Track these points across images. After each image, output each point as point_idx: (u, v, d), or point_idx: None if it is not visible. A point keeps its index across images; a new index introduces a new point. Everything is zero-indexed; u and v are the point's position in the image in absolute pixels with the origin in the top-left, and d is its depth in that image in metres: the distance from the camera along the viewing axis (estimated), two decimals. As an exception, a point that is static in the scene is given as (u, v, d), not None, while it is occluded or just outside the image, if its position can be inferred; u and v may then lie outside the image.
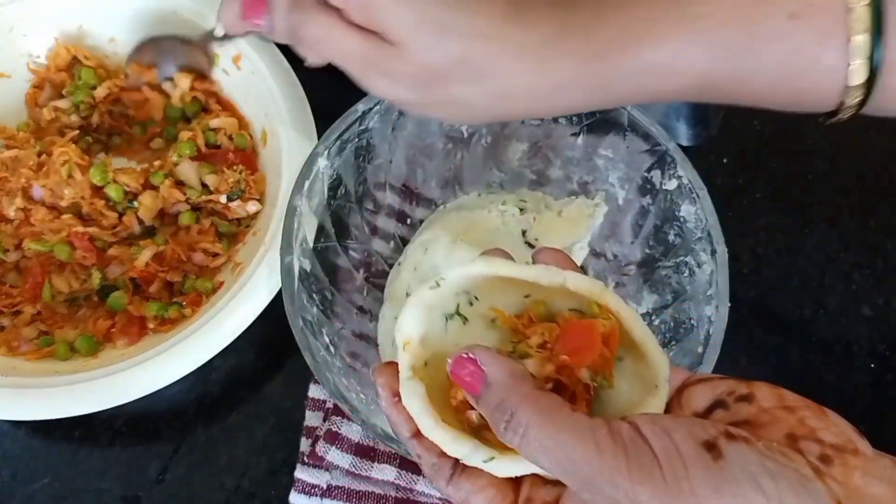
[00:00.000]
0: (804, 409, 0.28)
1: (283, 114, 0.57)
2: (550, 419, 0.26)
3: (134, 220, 0.56)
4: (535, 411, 0.27)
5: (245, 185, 0.57)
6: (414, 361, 0.32)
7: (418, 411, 0.31)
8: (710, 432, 0.26)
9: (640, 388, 0.31)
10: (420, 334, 0.33)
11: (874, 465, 0.26)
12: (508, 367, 0.29)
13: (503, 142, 0.59)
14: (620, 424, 0.26)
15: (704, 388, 0.30)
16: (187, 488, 0.52)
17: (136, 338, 0.52)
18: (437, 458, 0.31)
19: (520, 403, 0.27)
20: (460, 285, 0.33)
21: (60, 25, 0.61)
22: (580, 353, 0.30)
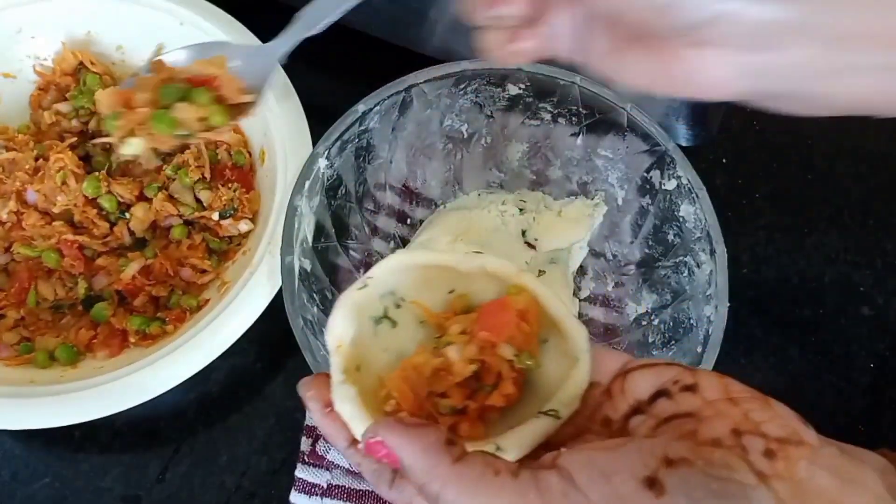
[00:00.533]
0: (749, 402, 0.27)
1: (283, 134, 0.56)
2: (474, 493, 0.26)
3: (125, 231, 0.56)
4: (459, 491, 0.26)
5: (239, 203, 0.57)
6: (346, 365, 0.32)
7: (350, 415, 0.30)
8: (649, 464, 0.25)
9: (566, 365, 0.32)
10: (351, 336, 0.32)
11: (820, 454, 0.26)
12: (420, 445, 0.27)
13: (503, 142, 0.59)
14: (550, 477, 0.26)
15: (648, 374, 0.30)
16: (188, 488, 0.52)
17: (117, 350, 0.52)
18: (377, 464, 0.30)
19: (442, 486, 0.26)
20: (387, 284, 0.34)
21: (69, 30, 0.61)
22: (497, 328, 0.31)
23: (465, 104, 0.57)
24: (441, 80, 0.55)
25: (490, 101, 0.57)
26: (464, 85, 0.56)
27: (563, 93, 0.55)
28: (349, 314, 0.32)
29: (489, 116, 0.58)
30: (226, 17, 0.60)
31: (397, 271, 0.34)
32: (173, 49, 0.46)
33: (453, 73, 0.55)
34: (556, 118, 0.57)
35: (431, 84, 0.55)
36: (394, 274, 0.34)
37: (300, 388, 0.32)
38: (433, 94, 0.56)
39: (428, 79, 0.54)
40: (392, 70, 0.55)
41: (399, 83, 0.54)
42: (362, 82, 0.56)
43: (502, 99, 0.57)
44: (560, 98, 0.55)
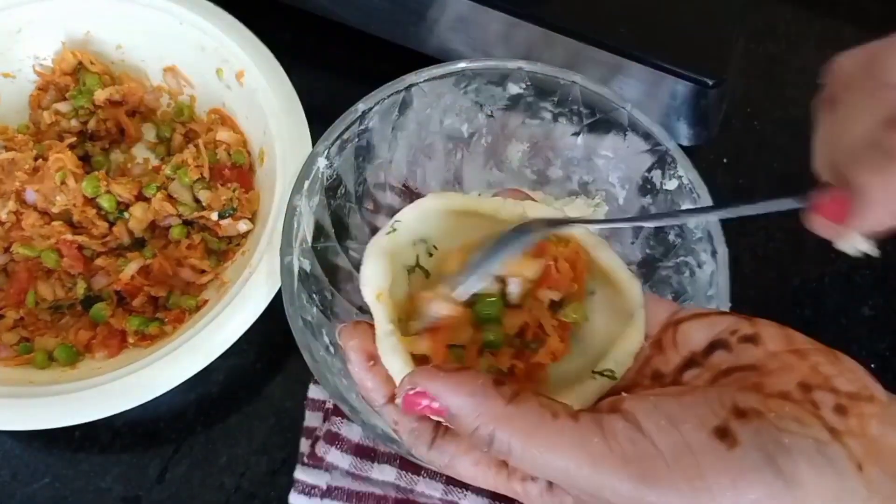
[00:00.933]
0: (816, 354, 0.26)
1: (283, 134, 0.56)
2: (533, 437, 0.24)
3: (124, 231, 0.56)
4: (514, 431, 0.24)
5: (238, 203, 0.56)
6: (391, 314, 0.29)
7: (400, 370, 0.28)
8: (719, 414, 0.23)
9: (617, 319, 0.30)
10: (388, 285, 0.29)
11: (890, 411, 0.24)
12: (468, 388, 0.25)
13: (503, 142, 0.59)
14: (615, 422, 0.24)
15: (701, 324, 0.28)
16: (187, 488, 0.52)
17: (116, 351, 0.52)
18: (417, 422, 0.28)
19: (497, 427, 0.25)
20: (417, 230, 0.31)
21: (68, 30, 0.61)
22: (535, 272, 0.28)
23: (465, 104, 0.57)
24: (441, 79, 0.55)
25: (490, 101, 0.57)
26: (464, 84, 0.56)
27: (564, 92, 0.55)
28: (381, 261, 0.30)
29: (489, 116, 0.58)
30: (226, 17, 0.60)
31: (428, 216, 0.31)
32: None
33: (453, 72, 0.55)
34: (556, 117, 0.57)
35: (431, 83, 0.55)
36: (424, 219, 0.31)
37: (340, 335, 0.30)
38: (433, 94, 0.56)
39: (428, 78, 0.54)
40: (392, 70, 0.55)
41: (399, 82, 0.54)
42: (362, 82, 0.56)
43: (502, 98, 0.57)
44: (560, 97, 0.55)
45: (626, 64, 0.56)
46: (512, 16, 0.56)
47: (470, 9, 0.57)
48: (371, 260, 0.30)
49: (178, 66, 0.62)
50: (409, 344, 0.28)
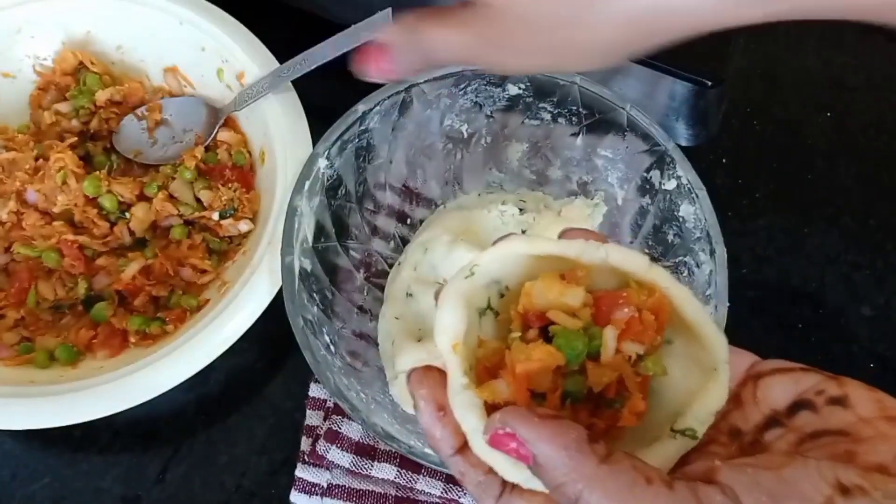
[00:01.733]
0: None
1: (283, 134, 0.56)
2: (625, 501, 0.23)
3: (125, 231, 0.56)
4: (606, 494, 0.23)
5: (239, 203, 0.56)
6: (466, 366, 0.27)
7: (475, 427, 0.26)
8: (822, 491, 0.22)
9: (697, 373, 0.28)
10: (464, 331, 0.28)
11: None
12: (560, 442, 0.24)
13: (503, 142, 0.59)
14: (713, 495, 0.23)
15: (784, 380, 0.26)
16: (187, 488, 0.52)
17: (117, 350, 0.52)
18: (485, 475, 0.27)
19: (585, 488, 0.23)
20: (492, 272, 0.29)
21: (68, 30, 0.61)
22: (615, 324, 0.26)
23: (465, 104, 0.57)
24: (441, 80, 0.55)
25: (490, 101, 0.57)
26: (464, 85, 0.56)
27: (563, 93, 0.55)
28: (459, 307, 0.28)
29: (489, 116, 0.58)
30: (226, 17, 0.60)
31: (508, 260, 0.29)
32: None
33: (453, 73, 0.55)
34: (556, 118, 0.57)
35: (431, 84, 0.55)
36: (503, 263, 0.29)
37: (411, 382, 0.29)
38: (433, 94, 0.56)
39: (428, 79, 0.54)
40: (392, 70, 0.55)
41: (399, 83, 0.54)
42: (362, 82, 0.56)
43: (502, 99, 0.57)
44: (560, 98, 0.55)
45: (626, 64, 0.56)
46: (512, 16, 0.56)
47: (470, 9, 0.57)
48: (449, 306, 0.28)
49: (179, 67, 0.62)
50: (487, 391, 0.27)
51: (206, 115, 0.60)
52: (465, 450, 0.27)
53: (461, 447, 0.27)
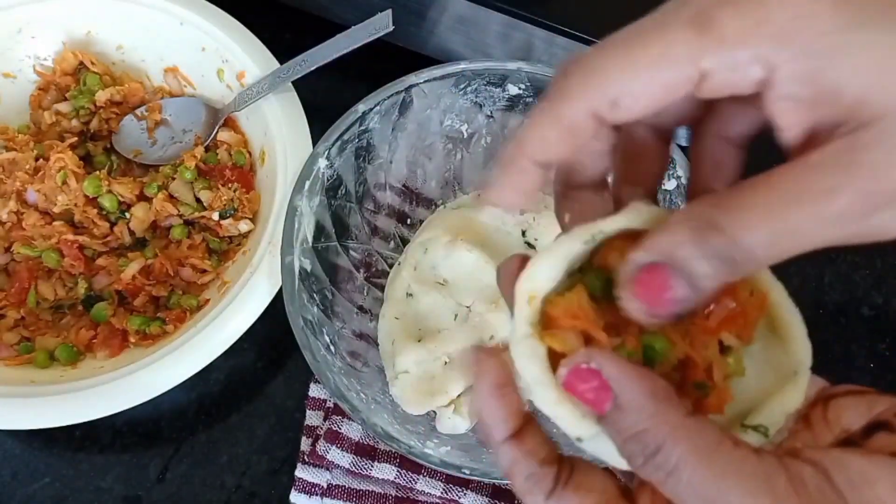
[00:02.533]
0: None
1: (283, 135, 0.56)
2: (710, 460, 0.21)
3: (125, 231, 0.56)
4: (689, 449, 0.21)
5: (238, 203, 0.56)
6: (533, 319, 0.25)
7: (537, 378, 0.24)
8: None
9: (771, 377, 0.26)
10: (546, 293, 0.26)
11: None
12: (648, 387, 0.22)
13: (503, 142, 0.59)
14: (802, 467, 0.21)
15: (857, 403, 0.25)
16: (188, 488, 0.52)
17: (117, 350, 0.52)
18: (539, 466, 0.25)
19: (669, 437, 0.22)
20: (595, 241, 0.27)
21: (69, 30, 0.61)
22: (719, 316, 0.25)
23: (465, 104, 0.57)
24: (441, 80, 0.55)
25: (490, 101, 0.57)
26: (464, 85, 0.56)
27: (563, 93, 0.55)
28: (560, 267, 0.26)
29: (489, 116, 0.58)
30: (226, 17, 0.60)
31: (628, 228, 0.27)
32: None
33: (453, 73, 0.55)
34: (556, 118, 0.57)
35: (431, 84, 0.55)
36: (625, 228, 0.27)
37: (472, 356, 0.26)
38: (433, 95, 0.56)
39: (428, 79, 0.54)
40: (392, 70, 0.55)
41: (399, 83, 0.54)
42: (362, 82, 0.56)
43: (502, 99, 0.57)
44: (560, 98, 0.55)
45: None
46: (512, 16, 0.56)
47: (470, 9, 0.57)
48: (550, 262, 0.26)
49: (179, 67, 0.62)
50: (556, 339, 0.25)
51: (205, 116, 0.60)
52: (520, 435, 0.25)
53: (516, 433, 0.25)
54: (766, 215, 0.21)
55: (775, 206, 0.21)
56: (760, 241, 0.22)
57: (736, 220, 0.22)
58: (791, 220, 0.21)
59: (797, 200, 0.21)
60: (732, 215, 0.22)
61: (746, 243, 0.22)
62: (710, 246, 0.22)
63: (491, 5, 0.56)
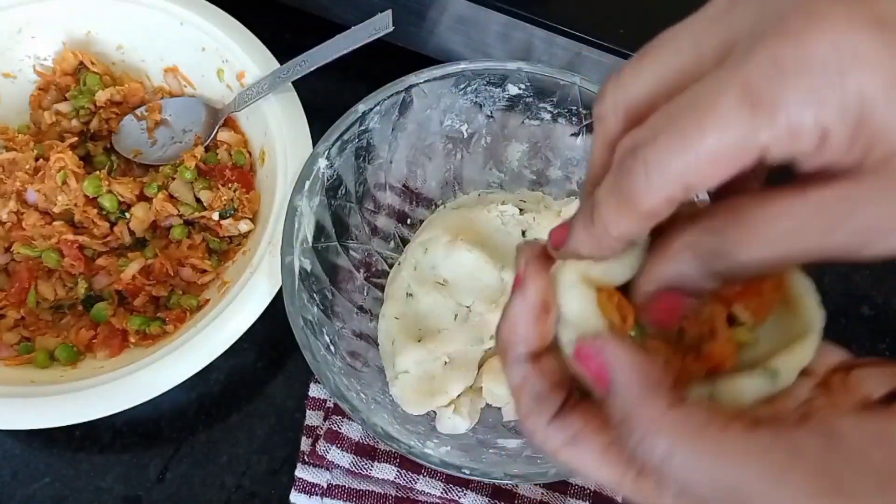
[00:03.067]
0: None
1: (283, 135, 0.56)
2: (696, 443, 0.21)
3: (125, 231, 0.56)
4: (674, 438, 0.22)
5: (238, 203, 0.56)
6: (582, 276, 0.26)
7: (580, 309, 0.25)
8: None
9: (782, 339, 0.27)
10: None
11: None
12: (639, 376, 0.23)
13: (503, 142, 0.59)
14: (801, 439, 0.21)
15: (879, 373, 0.25)
16: (188, 488, 0.52)
17: (117, 350, 0.52)
18: (549, 388, 0.25)
19: (652, 426, 0.22)
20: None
21: (69, 30, 0.61)
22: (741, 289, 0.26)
23: (465, 104, 0.57)
24: (441, 80, 0.55)
25: (490, 101, 0.57)
26: (464, 85, 0.56)
27: (563, 93, 0.55)
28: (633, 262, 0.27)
29: (489, 116, 0.58)
30: (226, 18, 0.60)
31: None
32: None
33: (453, 73, 0.55)
34: (556, 118, 0.57)
35: (431, 84, 0.55)
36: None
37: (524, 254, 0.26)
38: (433, 95, 0.56)
39: (428, 79, 0.54)
40: (392, 70, 0.55)
41: (399, 83, 0.54)
42: (362, 82, 0.56)
43: (502, 99, 0.57)
44: (560, 98, 0.55)
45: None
46: (512, 16, 0.56)
47: (470, 9, 0.57)
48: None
49: (179, 67, 0.62)
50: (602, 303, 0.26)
51: (205, 116, 0.60)
52: (537, 357, 0.25)
53: (536, 355, 0.25)
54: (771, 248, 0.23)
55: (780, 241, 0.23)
56: (761, 261, 0.23)
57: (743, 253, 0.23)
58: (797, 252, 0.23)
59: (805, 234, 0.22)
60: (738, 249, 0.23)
61: (749, 264, 0.23)
62: (716, 271, 0.23)
63: (491, 5, 0.56)
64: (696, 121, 0.21)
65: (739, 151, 0.21)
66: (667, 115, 0.22)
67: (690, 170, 0.21)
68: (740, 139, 0.21)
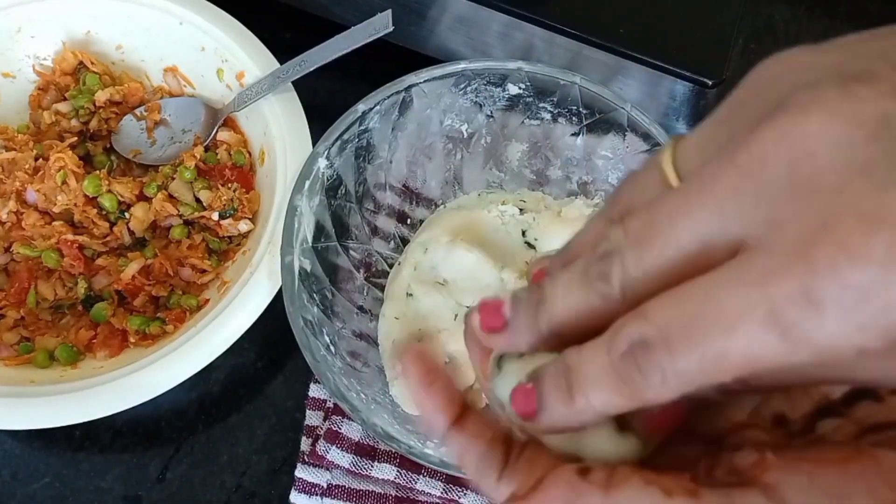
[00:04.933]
0: None
1: (283, 134, 0.56)
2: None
3: (125, 231, 0.56)
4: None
5: (238, 203, 0.56)
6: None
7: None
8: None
9: None
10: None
11: None
12: (561, 495, 0.22)
13: (503, 142, 0.59)
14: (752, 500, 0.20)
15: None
16: (188, 487, 0.52)
17: (117, 350, 0.52)
18: (487, 447, 0.24)
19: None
20: None
21: (68, 29, 0.61)
22: None
23: (465, 104, 0.57)
24: (441, 80, 0.55)
25: (490, 101, 0.57)
26: (464, 85, 0.56)
27: (563, 92, 0.55)
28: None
29: (489, 116, 0.58)
30: (226, 18, 0.60)
31: None
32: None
33: (453, 73, 0.55)
34: (556, 118, 0.57)
35: (431, 84, 0.55)
36: None
37: (399, 353, 0.27)
38: (433, 94, 0.56)
39: (428, 79, 0.54)
40: (392, 70, 0.55)
41: (399, 83, 0.54)
42: (362, 82, 0.56)
43: (502, 99, 0.57)
44: (560, 98, 0.55)
45: (626, 64, 0.56)
46: (512, 16, 0.56)
47: (470, 9, 0.57)
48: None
49: (179, 67, 0.62)
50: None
51: (205, 116, 0.60)
52: (461, 422, 0.25)
53: (457, 420, 0.24)
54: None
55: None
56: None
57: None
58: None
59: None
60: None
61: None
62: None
63: (491, 5, 0.56)
64: (717, 337, 0.19)
65: (764, 368, 0.19)
66: (680, 321, 0.20)
67: (708, 380, 0.19)
68: (768, 363, 0.19)
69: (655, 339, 0.20)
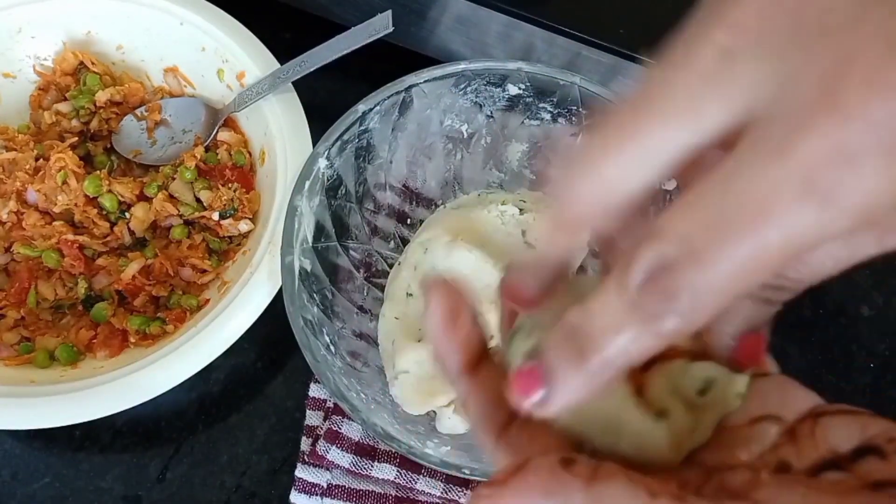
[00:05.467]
0: None
1: (283, 135, 0.56)
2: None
3: (125, 231, 0.56)
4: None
5: (239, 203, 0.56)
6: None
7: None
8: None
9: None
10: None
11: None
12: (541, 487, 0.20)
13: (503, 142, 0.59)
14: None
15: (849, 423, 0.23)
16: (188, 487, 0.52)
17: (117, 350, 0.52)
18: (494, 399, 0.23)
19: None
20: None
21: (69, 30, 0.61)
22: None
23: (465, 104, 0.57)
24: (441, 80, 0.55)
25: (490, 101, 0.57)
26: (464, 85, 0.56)
27: (563, 93, 0.55)
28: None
29: (489, 116, 0.58)
30: (226, 18, 0.60)
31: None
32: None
33: (453, 73, 0.55)
34: (556, 118, 0.57)
35: (431, 84, 0.55)
36: None
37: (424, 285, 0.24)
38: (433, 95, 0.56)
39: (428, 79, 0.54)
40: (392, 70, 0.55)
41: (399, 83, 0.54)
42: (362, 82, 0.56)
43: (502, 99, 0.57)
44: (560, 98, 0.55)
45: (626, 64, 0.56)
46: (512, 16, 0.56)
47: (470, 9, 0.57)
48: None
49: (179, 67, 0.62)
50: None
51: (205, 116, 0.61)
52: (475, 367, 0.23)
53: (471, 363, 0.23)
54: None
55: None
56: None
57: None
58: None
59: None
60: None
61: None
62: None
63: (491, 5, 0.56)
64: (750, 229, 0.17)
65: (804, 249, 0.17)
66: (702, 225, 0.17)
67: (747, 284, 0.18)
68: (808, 241, 0.17)
69: (678, 254, 0.17)
